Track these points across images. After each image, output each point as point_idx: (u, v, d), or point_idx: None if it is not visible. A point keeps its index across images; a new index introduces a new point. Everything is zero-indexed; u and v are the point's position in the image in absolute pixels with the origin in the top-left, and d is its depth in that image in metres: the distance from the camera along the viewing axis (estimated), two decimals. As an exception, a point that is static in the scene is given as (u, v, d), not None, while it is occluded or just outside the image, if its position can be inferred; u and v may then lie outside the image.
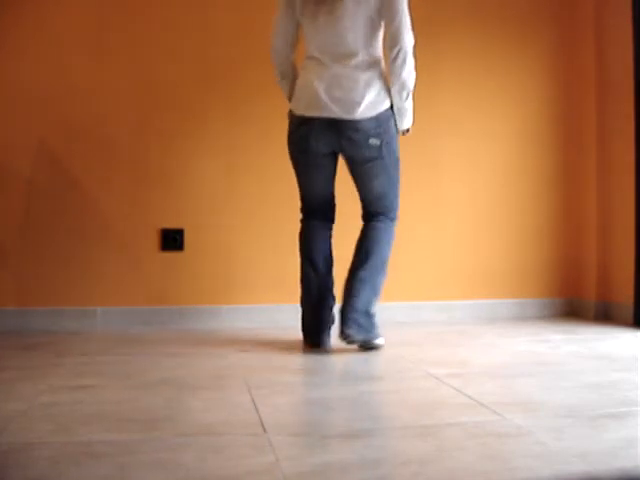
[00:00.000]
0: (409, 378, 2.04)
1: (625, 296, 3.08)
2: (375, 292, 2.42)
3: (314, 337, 2.51)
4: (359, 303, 2.37)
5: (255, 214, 3.10)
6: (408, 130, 2.53)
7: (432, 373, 2.08)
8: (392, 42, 2.35)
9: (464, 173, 3.29)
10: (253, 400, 1.77)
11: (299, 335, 2.79)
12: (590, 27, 3.25)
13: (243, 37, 3.08)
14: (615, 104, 3.16)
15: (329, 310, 2.53)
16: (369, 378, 2.03)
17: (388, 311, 2.86)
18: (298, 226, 2.55)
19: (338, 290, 2.50)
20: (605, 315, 3.20)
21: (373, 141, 2.36)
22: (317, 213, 2.57)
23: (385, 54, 2.41)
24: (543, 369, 2.16)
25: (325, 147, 2.40)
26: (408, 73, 2.38)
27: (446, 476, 1.26)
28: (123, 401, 1.77)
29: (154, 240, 3.02)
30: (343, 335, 2.34)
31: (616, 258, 3.17)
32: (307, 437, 1.49)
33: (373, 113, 2.35)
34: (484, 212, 3.31)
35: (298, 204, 3.01)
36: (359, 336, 2.35)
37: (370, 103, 2.35)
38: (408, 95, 2.41)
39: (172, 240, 3.03)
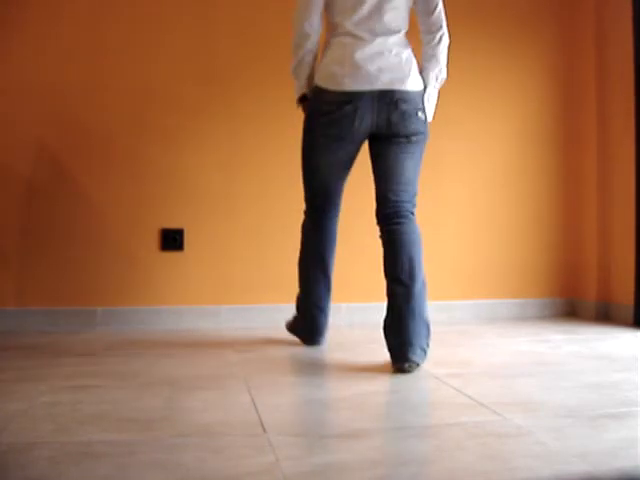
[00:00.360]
0: (409, 378, 2.04)
1: (625, 296, 3.08)
2: (426, 306, 2.21)
3: (314, 340, 2.55)
4: (419, 327, 2.12)
5: (255, 214, 3.10)
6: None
7: (432, 373, 2.08)
8: (435, 26, 2.26)
9: (464, 173, 3.29)
10: (253, 400, 1.77)
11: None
12: (590, 27, 3.25)
13: (243, 37, 3.08)
14: (615, 104, 3.16)
15: (328, 314, 2.54)
16: (369, 378, 2.03)
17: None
18: (299, 226, 2.53)
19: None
20: (605, 315, 3.20)
21: (421, 114, 2.22)
22: (330, 207, 2.44)
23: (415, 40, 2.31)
24: (543, 369, 2.16)
25: (366, 127, 2.20)
26: (446, 60, 2.30)
27: (446, 476, 1.26)
28: (123, 401, 1.77)
29: (154, 240, 3.02)
30: (405, 363, 2.07)
31: (616, 258, 3.17)
32: (307, 437, 1.49)
33: (418, 88, 2.23)
34: (484, 212, 3.31)
35: (299, 204, 3.00)
36: (421, 360, 2.11)
37: (416, 77, 2.22)
38: (441, 83, 2.32)
39: (172, 240, 3.03)
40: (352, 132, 2.20)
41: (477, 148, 3.30)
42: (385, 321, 2.18)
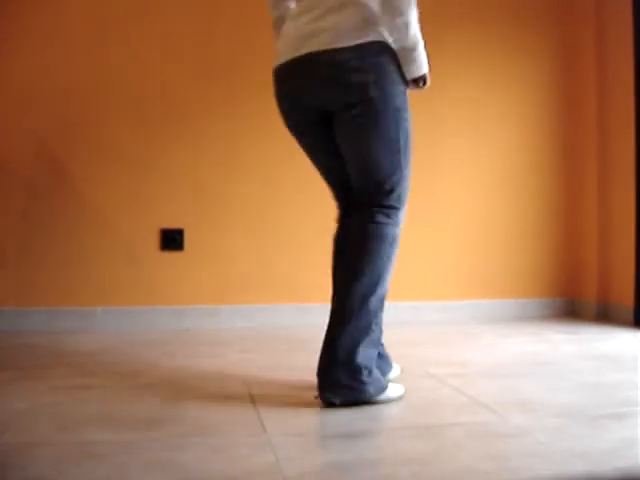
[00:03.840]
0: (409, 378, 2.04)
1: (625, 296, 3.08)
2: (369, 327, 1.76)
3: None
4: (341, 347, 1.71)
5: (255, 214, 3.10)
6: (424, 80, 1.84)
7: (432, 373, 2.08)
8: None
9: (464, 174, 3.29)
10: (253, 400, 1.77)
11: (299, 335, 2.80)
12: (590, 27, 3.25)
13: (243, 36, 3.07)
14: (615, 104, 3.16)
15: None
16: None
17: (388, 311, 2.84)
18: (299, 226, 2.53)
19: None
20: (605, 315, 3.20)
21: (356, 77, 1.71)
22: (340, 203, 1.96)
23: None
24: (543, 369, 2.16)
25: (309, 102, 1.81)
26: (407, 5, 1.71)
27: (446, 476, 1.26)
28: (123, 401, 1.77)
29: (154, 240, 3.02)
30: (323, 397, 1.71)
31: (616, 258, 3.17)
32: (307, 437, 1.49)
33: (353, 42, 1.70)
34: (484, 212, 3.31)
35: (299, 204, 3.02)
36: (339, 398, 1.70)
37: (348, 29, 1.71)
38: (408, 27, 1.72)
39: (172, 240, 3.02)
40: (290, 113, 1.87)
41: (476, 148, 3.30)
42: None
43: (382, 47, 1.73)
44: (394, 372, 2.00)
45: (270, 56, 3.06)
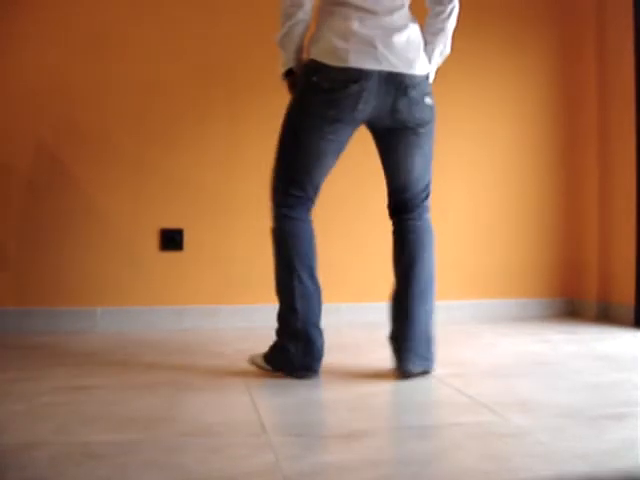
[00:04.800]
0: (409, 378, 2.04)
1: (626, 296, 3.08)
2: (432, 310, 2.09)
3: (311, 367, 2.04)
4: (420, 329, 2.02)
5: (255, 214, 3.10)
6: None
7: (432, 373, 2.08)
8: None
9: (464, 173, 3.29)
10: (253, 400, 1.77)
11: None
12: (591, 28, 3.25)
13: (244, 37, 3.08)
14: (616, 104, 3.16)
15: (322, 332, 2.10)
16: (369, 378, 2.03)
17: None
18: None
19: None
20: (606, 315, 3.20)
21: (428, 100, 2.02)
22: (309, 202, 2.11)
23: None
24: (543, 369, 2.16)
25: (368, 112, 1.96)
26: (452, 32, 2.10)
27: (446, 476, 1.26)
28: (123, 401, 1.77)
29: (154, 240, 3.02)
30: (403, 371, 2.00)
31: (617, 258, 3.17)
32: (307, 437, 1.49)
33: (425, 71, 2.02)
34: (484, 212, 3.31)
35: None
36: (419, 368, 2.01)
37: (423, 58, 2.02)
38: (444, 58, 2.15)
39: (172, 240, 3.02)
40: (353, 115, 1.96)
41: (477, 148, 3.30)
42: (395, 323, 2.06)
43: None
44: None
45: (272, 56, 3.07)
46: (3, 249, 2.90)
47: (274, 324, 3.04)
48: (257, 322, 3.04)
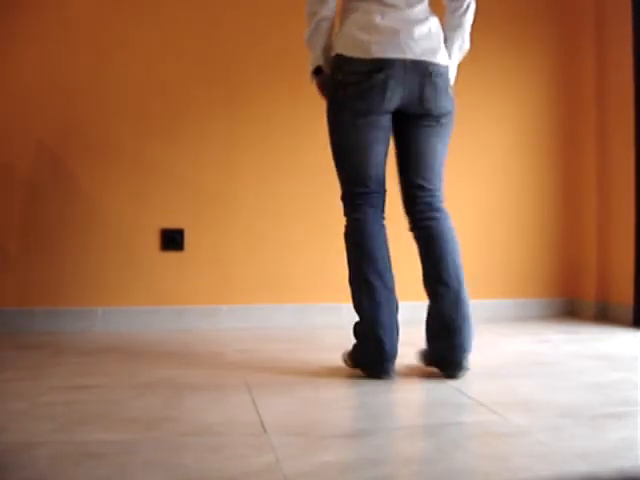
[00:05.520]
0: (409, 378, 2.04)
1: (625, 296, 3.08)
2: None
3: (383, 368, 2.01)
4: (468, 338, 2.04)
5: (255, 214, 3.10)
6: None
7: (432, 373, 2.08)
8: None
9: (463, 173, 3.29)
10: (253, 400, 1.77)
11: (299, 335, 2.80)
12: (590, 27, 3.25)
13: (244, 36, 3.08)
14: (615, 104, 3.16)
15: (398, 331, 2.08)
16: (369, 378, 2.03)
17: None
18: (299, 226, 2.54)
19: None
20: (605, 315, 3.20)
21: (451, 91, 2.06)
22: (376, 197, 2.08)
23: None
24: (543, 369, 2.16)
25: (396, 100, 1.98)
26: (470, 28, 2.15)
27: (446, 476, 1.26)
28: (123, 401, 1.77)
29: (154, 240, 3.02)
30: (452, 375, 2.01)
31: (616, 258, 3.17)
32: (307, 437, 1.49)
33: (447, 62, 2.06)
34: (484, 212, 3.31)
35: (299, 203, 3.02)
36: (466, 370, 2.04)
37: (444, 50, 2.06)
38: (464, 54, 2.19)
39: (172, 240, 3.02)
40: (383, 105, 1.97)
41: (477, 148, 3.30)
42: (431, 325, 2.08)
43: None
44: None
45: (272, 56, 3.08)
46: (4, 249, 2.90)
47: (274, 324, 3.05)
48: (257, 322, 3.04)
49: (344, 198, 2.12)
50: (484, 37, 3.31)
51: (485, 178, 3.32)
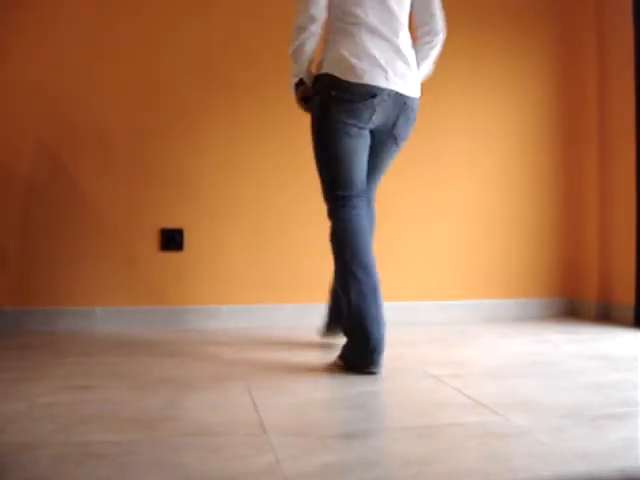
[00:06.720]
0: (409, 378, 2.04)
1: (625, 296, 3.08)
2: None
3: (371, 360, 2.06)
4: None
5: (255, 214, 3.10)
6: None
7: (432, 373, 2.08)
8: (434, 27, 2.27)
9: (464, 173, 3.29)
10: (253, 400, 1.77)
11: (299, 335, 2.80)
12: (591, 26, 3.25)
13: (242, 37, 3.08)
14: (616, 103, 3.16)
15: (384, 325, 2.12)
16: (369, 378, 2.03)
17: (388, 311, 2.85)
18: (299, 226, 2.53)
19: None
20: (605, 315, 3.20)
21: (413, 122, 2.30)
22: (358, 200, 2.22)
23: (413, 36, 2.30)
24: (543, 369, 2.16)
25: (377, 122, 2.20)
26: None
27: (446, 476, 1.26)
28: (123, 401, 1.77)
29: (154, 240, 3.02)
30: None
31: (617, 258, 3.17)
32: (307, 437, 1.49)
33: (419, 94, 2.27)
34: (484, 212, 3.31)
35: (299, 203, 3.02)
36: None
37: (418, 83, 2.27)
38: (425, 78, 2.40)
39: (172, 240, 3.02)
40: (369, 122, 2.18)
41: (477, 148, 3.30)
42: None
43: None
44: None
45: (271, 57, 3.08)
46: (3, 249, 2.90)
47: (273, 324, 3.05)
48: (257, 322, 3.04)
49: (329, 201, 2.24)
50: (485, 37, 3.32)
51: (485, 178, 3.32)
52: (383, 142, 2.28)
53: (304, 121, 3.09)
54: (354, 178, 2.21)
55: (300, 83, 2.24)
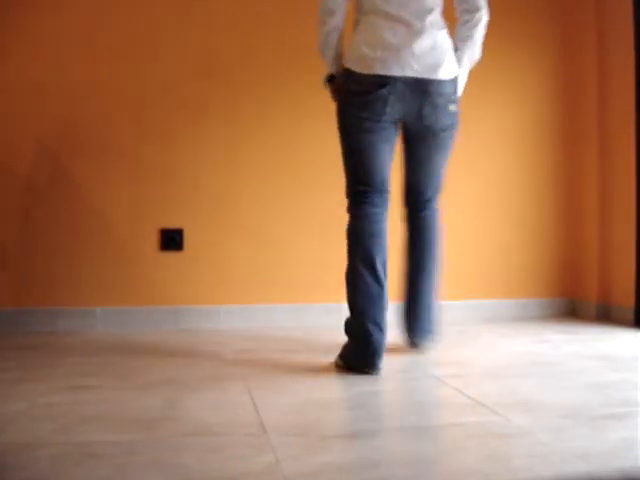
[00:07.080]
0: (409, 378, 2.04)
1: (626, 297, 3.08)
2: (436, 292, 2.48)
3: (371, 363, 2.07)
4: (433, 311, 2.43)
5: (255, 214, 3.10)
6: None
7: (432, 373, 2.08)
8: (472, 3, 2.20)
9: (464, 173, 3.28)
10: (253, 400, 1.77)
11: (298, 335, 2.80)
12: (591, 26, 3.25)
13: (243, 36, 3.07)
14: (616, 104, 3.16)
15: (386, 328, 2.14)
16: (369, 378, 2.03)
17: (388, 311, 2.85)
18: (299, 226, 2.53)
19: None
20: (606, 316, 3.19)
21: (452, 107, 2.18)
22: (378, 197, 2.19)
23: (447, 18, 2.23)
24: (544, 369, 2.16)
25: (397, 115, 2.13)
26: (482, 39, 2.25)
27: (446, 476, 1.26)
28: (123, 401, 1.77)
29: (153, 240, 3.02)
30: (415, 345, 2.42)
31: (617, 259, 3.16)
32: (307, 437, 1.49)
33: (452, 75, 2.16)
34: (484, 212, 3.31)
35: (299, 203, 3.02)
36: (429, 343, 2.43)
37: (450, 63, 2.16)
38: (473, 64, 2.30)
39: (171, 240, 3.02)
40: (384, 115, 2.11)
41: (477, 148, 3.30)
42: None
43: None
44: None
45: (271, 57, 3.08)
46: (3, 249, 2.90)
47: (273, 324, 3.05)
48: (256, 322, 3.04)
49: (348, 195, 2.23)
50: (484, 37, 3.31)
51: (485, 178, 3.32)
52: (417, 136, 2.20)
53: (304, 121, 3.10)
54: (373, 174, 2.16)
55: (332, 77, 2.22)
